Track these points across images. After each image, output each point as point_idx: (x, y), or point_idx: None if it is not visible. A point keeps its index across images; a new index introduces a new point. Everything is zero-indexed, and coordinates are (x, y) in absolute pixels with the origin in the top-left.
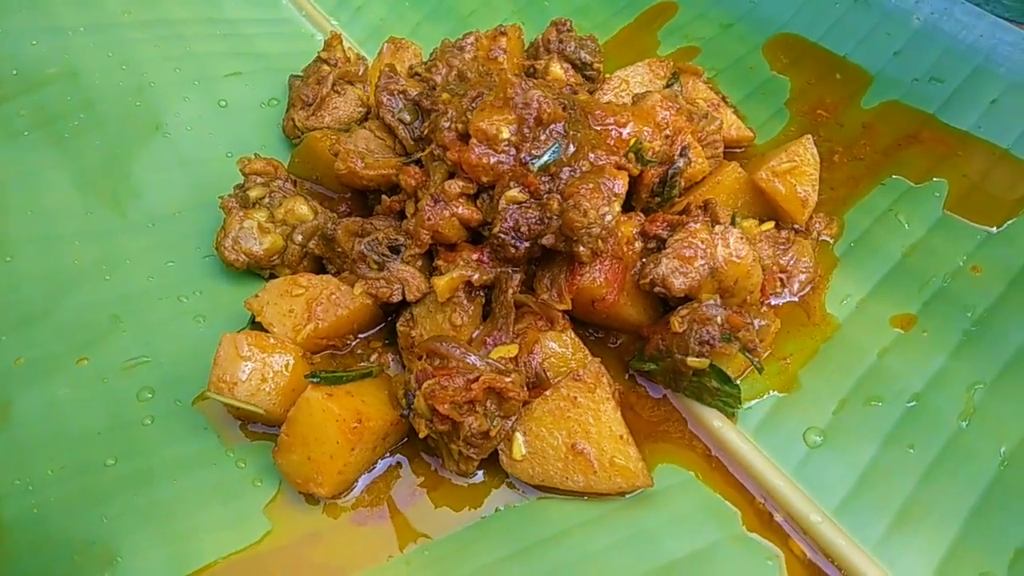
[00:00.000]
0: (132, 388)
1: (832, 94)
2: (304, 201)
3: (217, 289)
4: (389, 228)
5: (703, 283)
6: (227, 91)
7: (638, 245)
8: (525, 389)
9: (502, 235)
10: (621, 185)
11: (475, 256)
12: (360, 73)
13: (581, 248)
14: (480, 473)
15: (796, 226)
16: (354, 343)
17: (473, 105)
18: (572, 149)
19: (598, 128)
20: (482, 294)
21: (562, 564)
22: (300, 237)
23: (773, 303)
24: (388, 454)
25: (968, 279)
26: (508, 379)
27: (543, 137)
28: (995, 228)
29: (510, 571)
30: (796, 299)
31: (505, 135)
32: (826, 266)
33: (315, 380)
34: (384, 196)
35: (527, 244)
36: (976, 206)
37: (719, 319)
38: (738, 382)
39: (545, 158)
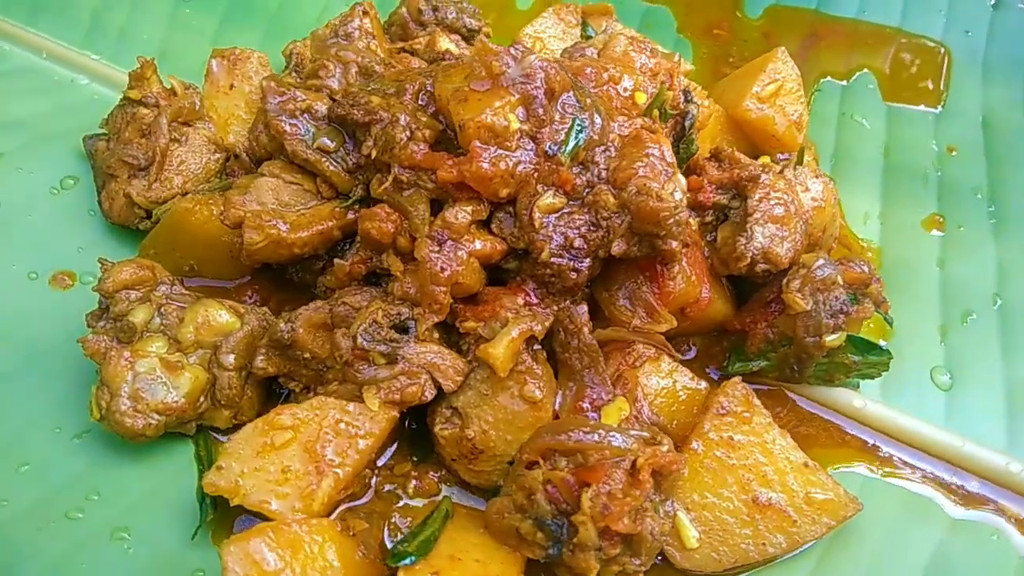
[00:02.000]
0: None
1: (715, 12)
2: (218, 304)
3: (123, 481)
4: (375, 303)
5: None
6: None
7: (694, 223)
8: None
9: (555, 260)
10: (669, 151)
11: (520, 300)
12: (198, 108)
13: (673, 243)
14: None
15: (784, 155)
16: (375, 480)
17: (423, 102)
18: (599, 122)
19: (596, 91)
20: (540, 348)
21: None
22: (231, 358)
23: None
24: None
25: (953, 162)
26: (665, 448)
27: (557, 116)
28: (938, 107)
29: None
30: None
31: (515, 125)
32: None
33: (408, 562)
34: (338, 261)
35: (588, 262)
36: (907, 90)
37: (840, 279)
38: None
39: (574, 141)
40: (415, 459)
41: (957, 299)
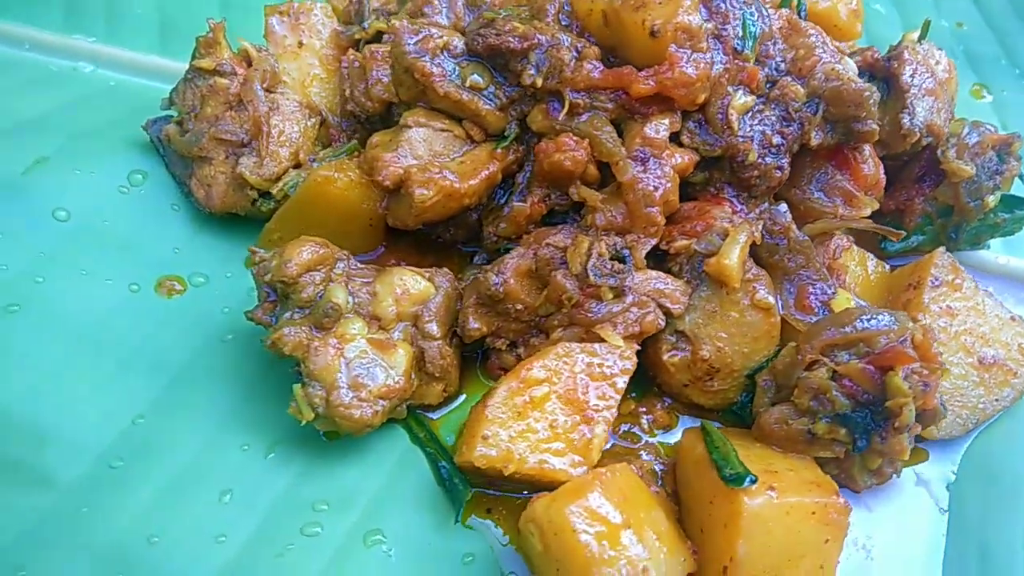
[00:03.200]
0: None
1: None
2: (411, 271)
3: (345, 485)
4: (580, 238)
5: None
6: (53, 194)
7: None
8: None
9: (761, 160)
10: (829, 37)
11: (727, 208)
12: (278, 71)
13: (871, 123)
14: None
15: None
16: None
17: (564, 23)
18: (763, 11)
19: None
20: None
21: None
22: (435, 326)
23: None
24: None
25: (966, 36)
26: (924, 323)
27: (728, 12)
28: None
29: None
30: None
31: (702, 24)
32: None
33: (749, 482)
34: (517, 204)
35: (788, 158)
36: None
37: (988, 143)
38: None
39: (752, 35)
40: (634, 395)
41: None
